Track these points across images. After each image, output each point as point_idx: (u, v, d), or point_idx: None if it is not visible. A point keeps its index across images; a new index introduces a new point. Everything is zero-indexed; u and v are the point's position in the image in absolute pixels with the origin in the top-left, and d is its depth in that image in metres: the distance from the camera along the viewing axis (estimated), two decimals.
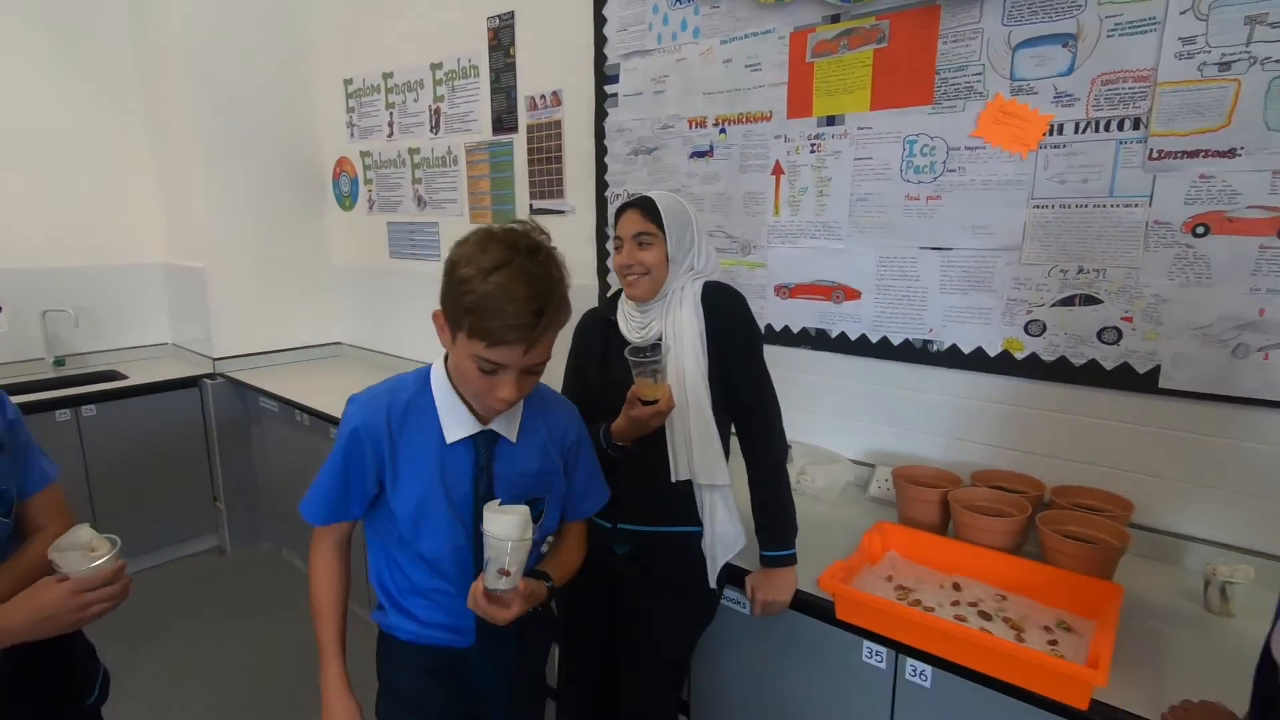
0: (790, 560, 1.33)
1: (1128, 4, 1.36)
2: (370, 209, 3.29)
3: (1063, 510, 1.44)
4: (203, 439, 3.18)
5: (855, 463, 1.87)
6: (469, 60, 2.68)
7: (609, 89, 2.23)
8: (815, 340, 1.90)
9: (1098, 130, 1.42)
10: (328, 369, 3.36)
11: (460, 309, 0.94)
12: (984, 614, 1.27)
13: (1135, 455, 1.48)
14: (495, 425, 1.08)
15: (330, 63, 3.29)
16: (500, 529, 0.96)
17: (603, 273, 2.36)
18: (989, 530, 1.41)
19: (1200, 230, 1.35)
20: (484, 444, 1.08)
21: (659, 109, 2.11)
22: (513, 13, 2.49)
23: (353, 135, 3.29)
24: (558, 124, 2.42)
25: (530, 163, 2.54)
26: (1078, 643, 1.18)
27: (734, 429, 1.39)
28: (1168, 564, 1.44)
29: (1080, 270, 1.48)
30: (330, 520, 1.12)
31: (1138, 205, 1.40)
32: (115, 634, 1.95)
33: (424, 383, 1.10)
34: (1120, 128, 1.40)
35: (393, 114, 3.06)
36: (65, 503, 1.20)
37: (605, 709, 1.50)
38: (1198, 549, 1.41)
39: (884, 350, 1.78)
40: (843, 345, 1.85)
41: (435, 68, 2.82)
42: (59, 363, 3.17)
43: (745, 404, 1.36)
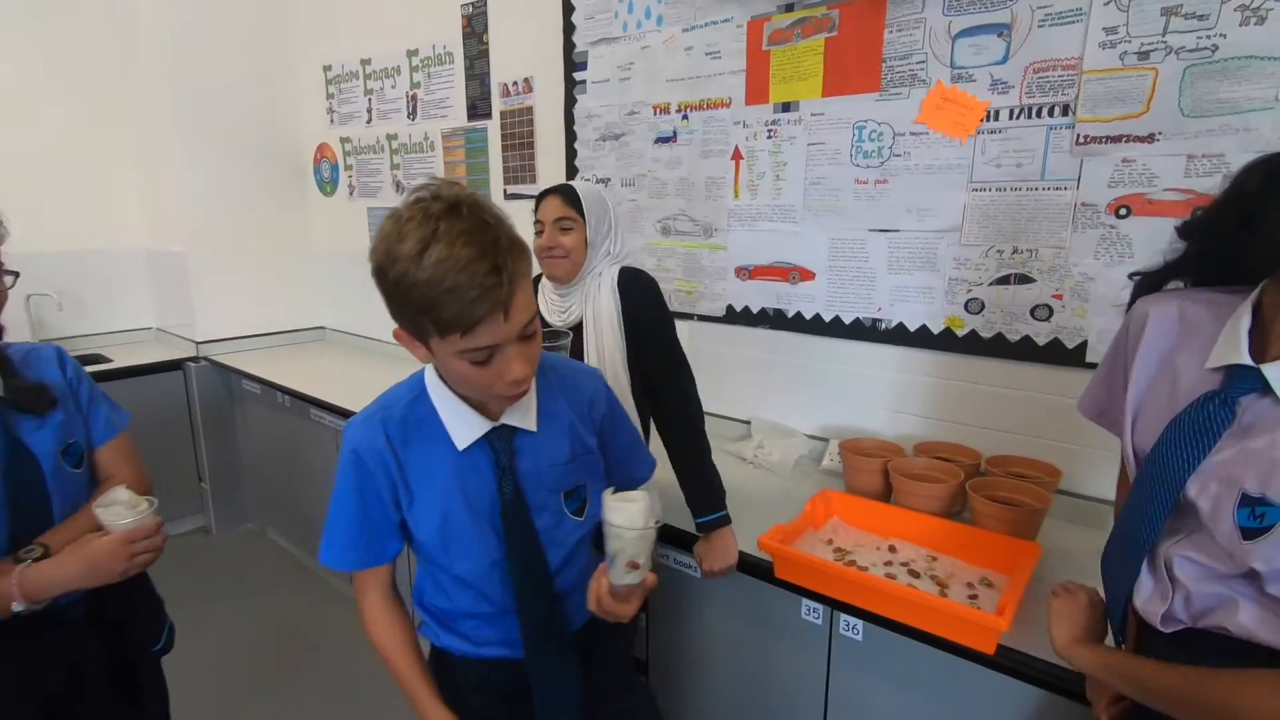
0: (725, 521, 1.41)
1: None
2: (351, 194, 3.34)
3: (995, 477, 1.52)
4: (187, 421, 3.24)
5: (810, 437, 1.95)
6: (444, 47, 2.72)
7: (578, 76, 2.28)
8: (773, 320, 1.97)
9: (1030, 116, 1.49)
10: (311, 353, 3.42)
11: (414, 313, 0.81)
12: (913, 572, 1.35)
13: (1064, 426, 1.56)
14: (508, 419, 0.95)
15: (310, 49, 3.33)
16: (627, 518, 0.87)
17: None
18: (924, 496, 1.50)
19: (1123, 212, 1.42)
20: (501, 443, 0.95)
21: (625, 96, 2.17)
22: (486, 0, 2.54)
23: (333, 121, 3.33)
24: (529, 110, 2.47)
25: (504, 148, 2.60)
26: (995, 596, 1.26)
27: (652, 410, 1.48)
28: (1092, 527, 1.53)
29: (1015, 250, 1.56)
30: (363, 565, 1.00)
31: (1066, 188, 1.47)
32: None
33: (419, 390, 0.97)
34: (1050, 114, 1.47)
35: (371, 100, 3.11)
36: (134, 450, 1.28)
37: None
38: None
39: (836, 329, 1.86)
40: (798, 324, 1.93)
41: (412, 54, 2.86)
42: None
43: (661, 379, 1.45)
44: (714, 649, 1.57)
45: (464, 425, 0.94)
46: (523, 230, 0.92)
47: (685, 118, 2.04)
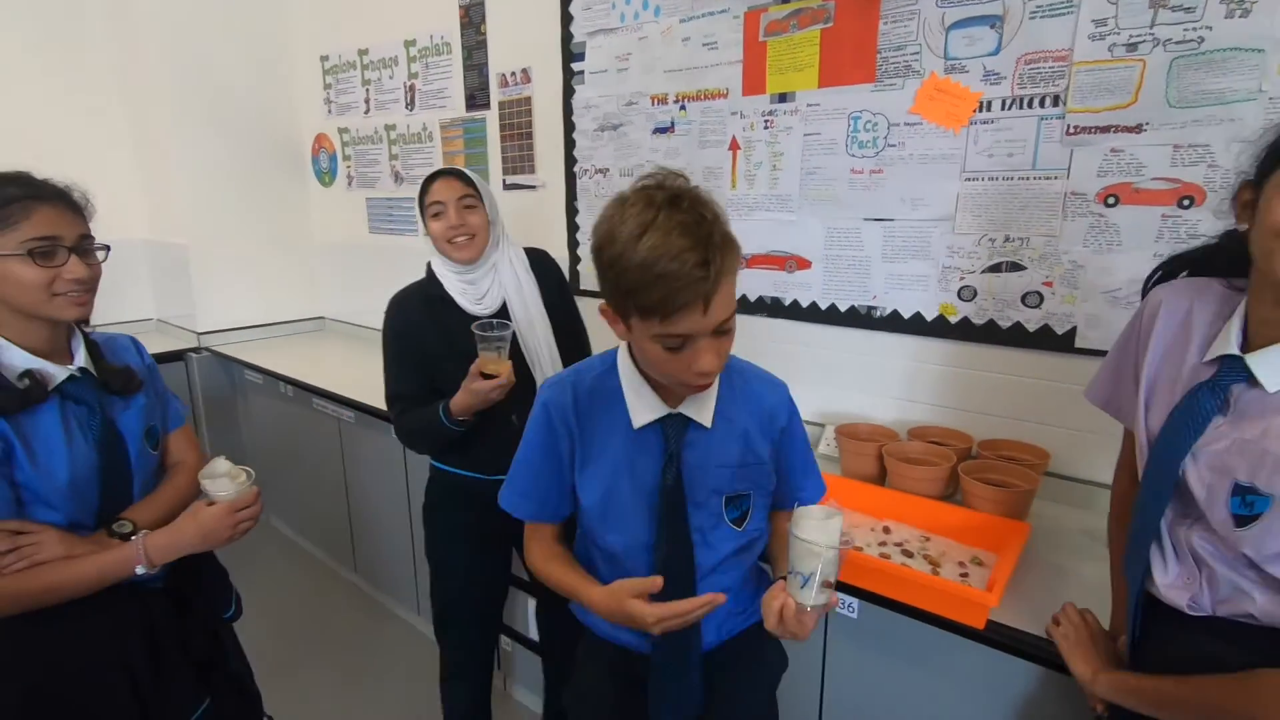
0: None
1: None
2: (349, 185, 3.35)
3: (986, 461, 1.57)
4: (189, 411, 3.27)
5: (808, 423, 1.98)
6: (442, 37, 2.73)
7: (576, 66, 2.30)
8: (770, 308, 2.01)
9: (1022, 107, 1.52)
10: (311, 343, 3.44)
11: (622, 293, 0.85)
12: (907, 552, 1.40)
13: (1054, 410, 1.60)
14: (685, 409, 0.98)
15: (307, 39, 3.33)
16: (827, 535, 0.85)
17: (573, 245, 2.45)
18: (917, 479, 1.54)
19: (1111, 200, 1.46)
20: (674, 430, 0.98)
21: (623, 86, 2.19)
22: None
23: (330, 112, 3.33)
24: (528, 101, 2.49)
25: (503, 139, 2.61)
26: (985, 574, 1.31)
27: None
28: (1080, 508, 1.57)
29: (1007, 239, 1.59)
30: (533, 517, 1.06)
31: (1057, 178, 1.51)
32: None
33: (610, 365, 1.02)
34: (1042, 105, 1.50)
35: (369, 91, 3.11)
36: (196, 438, 1.38)
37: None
38: (1105, 494, 1.54)
39: (832, 316, 1.89)
40: (795, 312, 1.96)
41: (409, 45, 2.87)
42: None
43: (582, 353, 1.63)
44: None
45: (643, 405, 0.98)
46: (526, 218, 0.98)
47: (683, 108, 2.07)
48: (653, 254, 0.80)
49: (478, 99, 2.66)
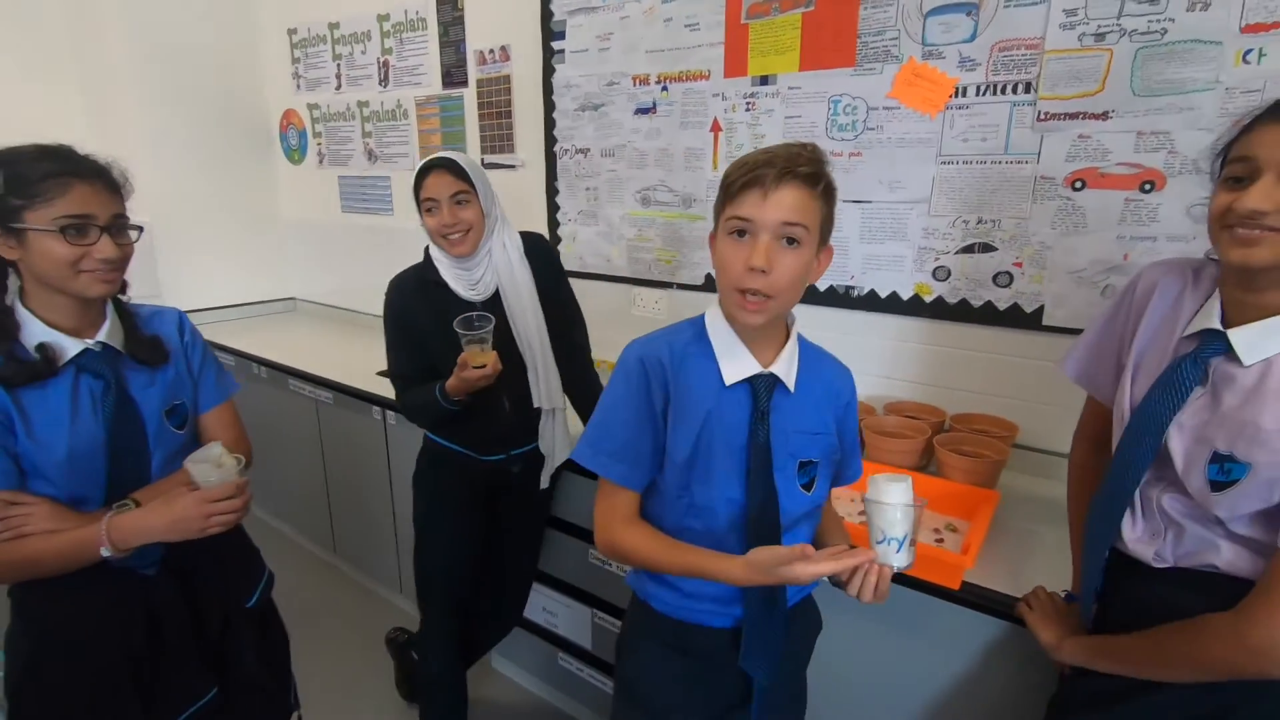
0: None
1: None
2: (320, 163, 3.29)
3: (959, 433, 1.65)
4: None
5: None
6: (416, 12, 2.69)
7: (556, 45, 2.29)
8: None
9: (995, 93, 1.58)
10: (283, 324, 3.39)
11: (720, 191, 0.95)
12: None
13: (1023, 385, 1.68)
14: (775, 369, 1.00)
15: (273, 11, 3.23)
16: (906, 495, 0.89)
17: (553, 225, 2.46)
18: (894, 451, 1.61)
19: (1078, 185, 1.53)
20: (764, 389, 1.00)
21: (604, 66, 2.19)
22: None
23: (299, 87, 3.26)
24: (507, 79, 2.47)
25: (481, 117, 2.59)
26: (960, 539, 1.38)
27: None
28: (1046, 478, 1.66)
29: (979, 221, 1.66)
30: (627, 479, 1.02)
31: (1027, 162, 1.57)
32: None
33: (700, 328, 1.04)
34: (1014, 91, 1.56)
35: (340, 66, 3.05)
36: (238, 418, 1.32)
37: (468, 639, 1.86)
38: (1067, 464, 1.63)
39: (811, 296, 1.94)
40: None
41: (382, 19, 2.82)
42: None
43: (572, 336, 1.70)
44: None
45: (736, 362, 1.00)
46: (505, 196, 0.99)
47: (665, 89, 2.08)
48: (749, 155, 0.93)
49: (455, 76, 2.63)
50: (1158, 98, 1.41)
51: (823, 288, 1.92)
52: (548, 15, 2.29)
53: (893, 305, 1.82)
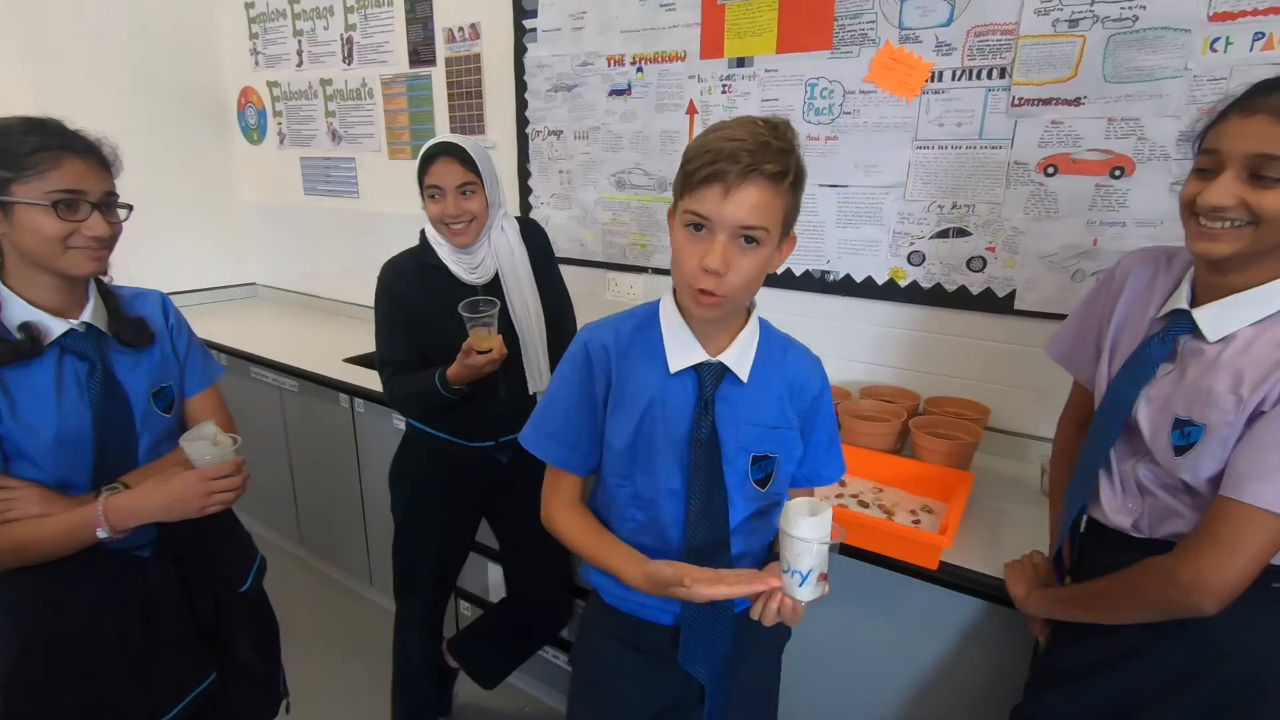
0: None
1: None
2: (281, 143, 3.17)
3: (933, 416, 1.67)
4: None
5: None
6: None
7: (528, 23, 2.24)
8: None
9: (971, 78, 1.59)
10: (244, 310, 3.28)
11: (679, 174, 0.88)
12: (862, 502, 1.48)
13: (995, 368, 1.71)
14: (725, 358, 0.95)
15: None
16: (817, 530, 0.82)
17: (525, 209, 2.41)
18: (870, 434, 1.62)
19: (1050, 170, 1.55)
20: (710, 378, 0.95)
21: (578, 46, 2.15)
22: None
23: (258, 64, 3.13)
24: (477, 58, 2.41)
25: (450, 97, 2.53)
26: (936, 520, 1.40)
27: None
28: (1017, 460, 1.69)
29: (954, 206, 1.67)
30: (564, 462, 1.02)
31: (1001, 147, 1.58)
32: None
33: (653, 313, 1.00)
34: (989, 76, 1.57)
35: (301, 42, 2.94)
36: (223, 403, 1.29)
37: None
38: (1039, 445, 1.67)
39: (787, 280, 1.95)
40: None
41: None
42: None
43: (563, 323, 1.66)
44: None
45: (682, 349, 0.96)
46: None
47: (640, 70, 2.05)
48: (713, 136, 0.86)
49: (422, 54, 2.56)
50: (1128, 84, 1.43)
51: (798, 272, 1.92)
52: None
53: (868, 290, 1.83)
